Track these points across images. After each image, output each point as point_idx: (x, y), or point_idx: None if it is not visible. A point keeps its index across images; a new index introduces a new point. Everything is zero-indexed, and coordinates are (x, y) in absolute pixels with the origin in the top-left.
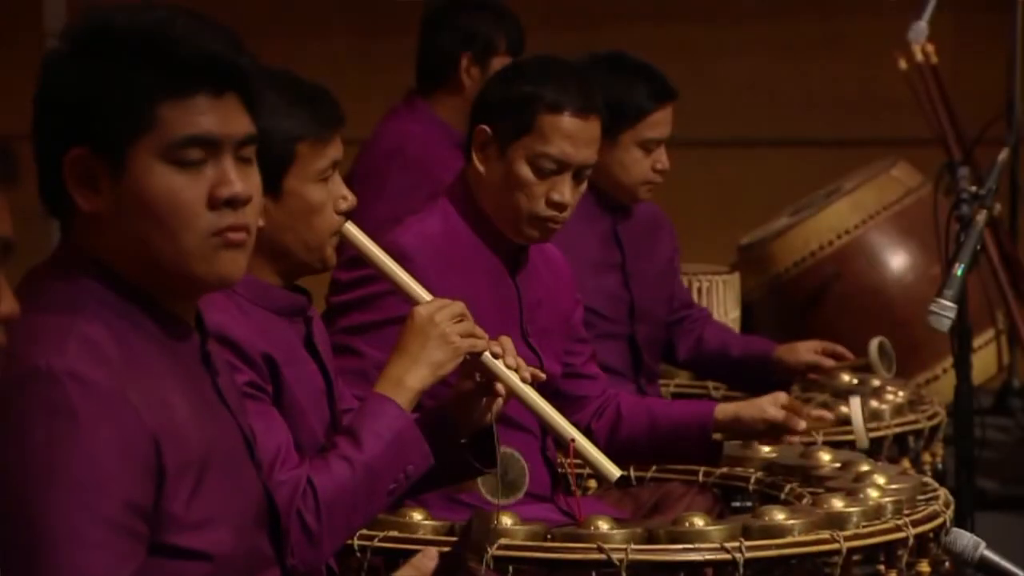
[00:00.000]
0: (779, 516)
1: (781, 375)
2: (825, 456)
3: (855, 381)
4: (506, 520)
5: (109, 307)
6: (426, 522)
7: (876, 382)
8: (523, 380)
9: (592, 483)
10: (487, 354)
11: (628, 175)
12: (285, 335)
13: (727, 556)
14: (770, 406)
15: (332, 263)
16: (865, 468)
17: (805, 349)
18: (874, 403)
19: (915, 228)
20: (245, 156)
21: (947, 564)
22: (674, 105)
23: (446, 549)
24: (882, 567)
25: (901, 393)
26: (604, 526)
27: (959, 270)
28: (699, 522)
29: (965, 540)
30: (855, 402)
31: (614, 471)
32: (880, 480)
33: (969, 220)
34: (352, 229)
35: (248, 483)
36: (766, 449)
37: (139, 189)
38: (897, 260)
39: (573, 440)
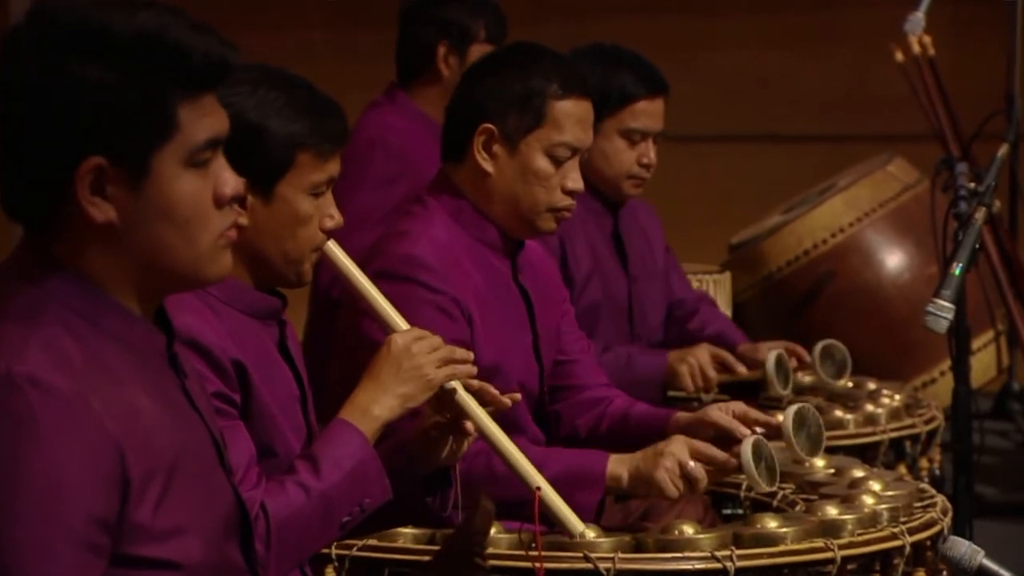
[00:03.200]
0: (771, 524)
1: None
2: (819, 462)
3: (850, 384)
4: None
5: (73, 311)
6: (406, 531)
7: (872, 385)
8: (508, 403)
9: None
10: (460, 391)
11: (610, 166)
12: (258, 338)
13: (718, 565)
14: (716, 412)
15: (307, 279)
16: (860, 474)
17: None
18: (870, 407)
19: (912, 226)
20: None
21: (944, 573)
22: (664, 100)
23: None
24: None
25: (898, 397)
26: (591, 534)
27: (957, 269)
28: (689, 530)
29: (963, 548)
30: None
31: (578, 526)
32: (876, 486)
33: (967, 218)
34: (334, 249)
35: (218, 489)
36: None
37: (162, 195)
38: (893, 259)
39: (539, 489)
